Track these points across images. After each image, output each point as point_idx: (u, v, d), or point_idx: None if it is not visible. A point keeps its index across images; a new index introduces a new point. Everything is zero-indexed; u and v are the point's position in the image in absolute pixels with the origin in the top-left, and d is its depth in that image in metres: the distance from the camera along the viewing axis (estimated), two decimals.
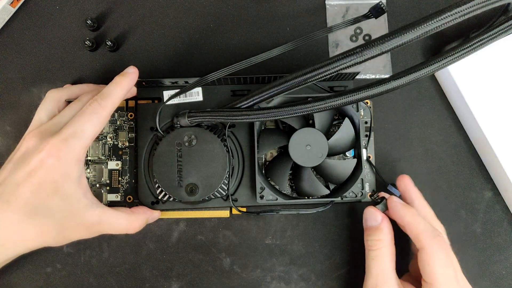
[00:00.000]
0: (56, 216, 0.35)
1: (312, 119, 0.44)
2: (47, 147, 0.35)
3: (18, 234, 0.35)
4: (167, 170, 0.42)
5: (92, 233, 0.38)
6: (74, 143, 0.36)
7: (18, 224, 0.34)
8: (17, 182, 0.35)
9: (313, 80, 0.33)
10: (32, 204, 0.35)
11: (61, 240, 0.37)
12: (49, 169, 0.35)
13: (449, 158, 0.48)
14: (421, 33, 0.29)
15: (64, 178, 0.36)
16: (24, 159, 0.36)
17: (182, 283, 0.46)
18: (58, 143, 0.35)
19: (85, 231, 0.38)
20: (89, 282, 0.45)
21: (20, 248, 0.36)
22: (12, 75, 0.48)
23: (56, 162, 0.35)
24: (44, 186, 0.35)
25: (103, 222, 0.38)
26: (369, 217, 0.41)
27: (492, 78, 0.46)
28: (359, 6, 0.50)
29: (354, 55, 0.30)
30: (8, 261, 0.38)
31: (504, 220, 0.48)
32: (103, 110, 0.37)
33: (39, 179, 0.35)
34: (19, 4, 0.48)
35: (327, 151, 0.43)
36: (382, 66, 0.49)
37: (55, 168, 0.35)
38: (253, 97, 0.38)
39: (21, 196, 0.35)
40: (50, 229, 0.35)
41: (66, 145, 0.35)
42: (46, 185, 0.35)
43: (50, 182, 0.35)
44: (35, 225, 0.35)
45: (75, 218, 0.36)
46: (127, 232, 0.40)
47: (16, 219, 0.34)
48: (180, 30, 0.50)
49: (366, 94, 0.33)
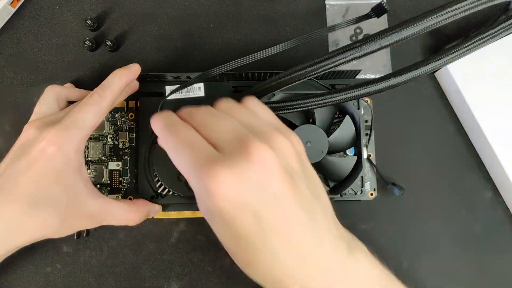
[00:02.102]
0: (57, 206, 0.35)
1: (312, 116, 0.44)
2: (48, 136, 0.35)
3: (20, 225, 0.34)
4: (167, 164, 0.41)
5: (93, 223, 0.38)
6: (74, 132, 0.36)
7: (19, 214, 0.34)
8: (17, 172, 0.35)
9: (314, 74, 0.33)
10: (33, 194, 0.34)
11: (63, 231, 0.37)
12: (50, 158, 0.35)
13: (449, 158, 0.48)
14: (421, 29, 0.29)
15: (65, 167, 0.35)
16: (24, 149, 0.36)
17: (182, 283, 0.46)
18: (58, 132, 0.35)
19: (86, 221, 0.38)
20: (89, 282, 0.45)
21: (22, 239, 0.36)
22: (12, 75, 0.48)
23: (57, 151, 0.35)
24: (45, 176, 0.35)
25: (104, 212, 0.38)
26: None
27: (492, 78, 0.46)
28: (359, 6, 0.50)
29: (353, 49, 0.30)
30: (10, 254, 0.37)
31: (504, 220, 0.47)
32: (102, 100, 0.37)
33: (40, 168, 0.35)
34: (19, 4, 0.49)
35: (327, 148, 0.43)
36: (382, 66, 0.49)
37: (56, 157, 0.35)
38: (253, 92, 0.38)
39: (22, 186, 0.34)
40: (52, 218, 0.35)
41: (66, 134, 0.35)
42: (47, 174, 0.35)
43: (51, 171, 0.35)
44: (36, 215, 0.34)
45: (76, 207, 0.36)
46: (128, 224, 0.40)
47: (18, 209, 0.34)
48: (180, 30, 0.50)
49: (367, 91, 0.33)
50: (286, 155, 0.30)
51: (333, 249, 0.30)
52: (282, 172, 0.28)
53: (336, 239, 0.31)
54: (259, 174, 0.28)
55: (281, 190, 0.28)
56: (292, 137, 0.32)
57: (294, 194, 0.29)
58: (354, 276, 0.31)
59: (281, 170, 0.28)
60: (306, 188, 0.30)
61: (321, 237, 0.30)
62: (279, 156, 0.28)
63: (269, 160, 0.28)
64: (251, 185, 0.27)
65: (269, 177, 0.28)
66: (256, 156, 0.28)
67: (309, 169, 0.32)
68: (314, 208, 0.30)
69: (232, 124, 0.31)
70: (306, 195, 0.30)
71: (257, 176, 0.28)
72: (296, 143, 0.32)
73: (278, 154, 0.29)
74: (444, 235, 0.47)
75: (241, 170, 0.27)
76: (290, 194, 0.28)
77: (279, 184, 0.28)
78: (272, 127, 0.31)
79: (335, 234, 0.31)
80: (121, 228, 0.46)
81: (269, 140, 0.29)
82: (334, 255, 0.30)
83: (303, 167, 0.31)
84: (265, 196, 0.28)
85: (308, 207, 0.30)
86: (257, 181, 0.28)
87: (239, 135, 0.29)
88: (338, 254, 0.31)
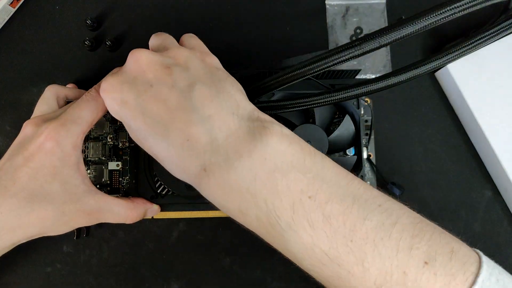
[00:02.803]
0: (55, 201, 0.35)
1: (312, 116, 0.44)
2: (45, 132, 0.35)
3: (17, 220, 0.34)
4: None
5: (91, 220, 0.38)
6: (72, 128, 0.36)
7: (16, 209, 0.34)
8: (15, 167, 0.35)
9: (313, 72, 0.33)
10: (30, 189, 0.34)
11: (60, 227, 0.37)
12: (48, 153, 0.35)
13: (449, 158, 0.48)
14: (420, 27, 0.29)
15: (63, 163, 0.35)
16: (22, 144, 0.36)
17: (181, 283, 0.46)
18: (56, 128, 0.35)
19: (84, 218, 0.38)
20: (89, 281, 0.45)
21: (19, 235, 0.36)
22: (11, 75, 0.48)
23: (55, 146, 0.35)
24: (42, 171, 0.35)
25: (102, 209, 0.38)
26: None
27: (492, 78, 0.46)
28: (359, 6, 0.50)
29: (353, 47, 0.30)
30: (7, 250, 0.37)
31: (504, 220, 0.47)
32: (100, 96, 0.37)
33: (37, 164, 0.35)
34: (19, 4, 0.49)
35: (327, 147, 0.43)
36: (382, 66, 0.49)
37: (54, 153, 0.35)
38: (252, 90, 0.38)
39: (19, 181, 0.34)
40: (49, 214, 0.35)
41: (64, 129, 0.35)
42: (44, 169, 0.35)
43: (48, 167, 0.35)
44: (33, 210, 0.34)
45: (74, 203, 0.36)
46: (125, 221, 0.40)
47: (14, 204, 0.34)
48: (180, 30, 0.50)
49: (366, 90, 0.33)
50: (174, 55, 0.33)
51: (227, 135, 0.30)
52: (156, 65, 0.32)
53: (235, 123, 0.31)
54: (134, 72, 0.32)
55: (156, 78, 0.31)
56: (195, 48, 0.36)
57: (172, 81, 0.31)
58: (259, 160, 0.29)
59: (155, 64, 0.32)
60: (191, 77, 0.32)
61: (209, 122, 0.30)
62: (157, 56, 0.32)
63: (142, 58, 0.32)
64: (127, 82, 0.32)
65: (143, 71, 0.32)
66: (132, 59, 0.32)
67: (209, 66, 0.34)
68: (200, 95, 0.31)
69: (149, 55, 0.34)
70: (187, 82, 0.31)
71: (133, 73, 0.32)
72: (195, 53, 0.34)
73: (162, 56, 0.33)
74: None
75: (120, 73, 0.33)
76: (166, 81, 0.31)
77: (152, 74, 0.31)
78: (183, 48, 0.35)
79: (233, 119, 0.31)
80: (121, 228, 0.46)
81: (164, 52, 0.34)
82: (229, 140, 0.30)
83: (195, 63, 0.33)
84: (141, 88, 0.31)
85: (190, 94, 0.31)
86: (133, 77, 0.32)
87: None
88: (234, 139, 0.30)
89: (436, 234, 0.28)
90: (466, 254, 0.28)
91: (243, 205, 0.30)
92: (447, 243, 0.28)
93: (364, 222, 0.28)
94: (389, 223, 0.28)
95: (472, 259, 0.28)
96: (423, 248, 0.27)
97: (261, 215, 0.29)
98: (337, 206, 0.28)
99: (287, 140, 0.30)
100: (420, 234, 0.28)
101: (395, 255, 0.27)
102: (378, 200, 0.29)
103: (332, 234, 0.28)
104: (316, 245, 0.28)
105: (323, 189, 0.29)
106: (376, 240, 0.27)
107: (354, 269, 0.27)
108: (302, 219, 0.28)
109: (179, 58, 0.33)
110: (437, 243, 0.28)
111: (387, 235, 0.27)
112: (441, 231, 0.29)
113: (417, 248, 0.27)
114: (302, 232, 0.28)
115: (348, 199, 0.28)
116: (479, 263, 0.27)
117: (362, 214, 0.28)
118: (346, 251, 0.28)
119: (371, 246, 0.27)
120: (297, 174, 0.29)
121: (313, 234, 0.28)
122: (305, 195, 0.28)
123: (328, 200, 0.28)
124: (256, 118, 0.32)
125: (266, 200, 0.29)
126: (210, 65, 0.35)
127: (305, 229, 0.28)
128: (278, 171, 0.29)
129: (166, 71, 0.32)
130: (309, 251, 0.28)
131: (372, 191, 0.30)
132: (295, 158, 0.30)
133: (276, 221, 0.29)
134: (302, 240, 0.28)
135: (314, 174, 0.29)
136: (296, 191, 0.28)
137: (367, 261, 0.27)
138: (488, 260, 0.28)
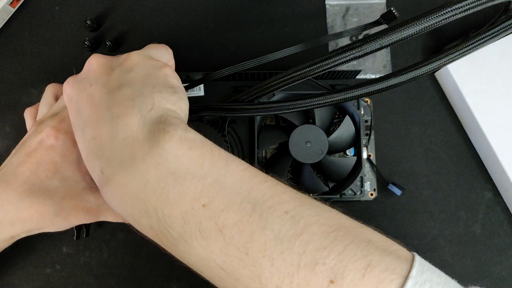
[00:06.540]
0: (54, 197, 0.35)
1: (312, 117, 0.44)
2: (46, 129, 0.36)
3: (16, 213, 0.35)
4: None
5: (90, 217, 0.38)
6: (70, 124, 0.36)
7: (16, 203, 0.34)
8: (18, 162, 0.35)
9: (314, 73, 0.33)
10: (31, 183, 0.35)
11: (59, 223, 0.37)
12: (48, 149, 0.35)
13: (449, 158, 0.48)
14: (421, 28, 0.29)
15: (63, 159, 0.36)
16: (25, 142, 0.36)
17: (181, 284, 0.46)
18: (56, 124, 0.36)
19: (83, 215, 0.37)
20: (89, 283, 0.45)
21: (18, 228, 0.36)
22: (11, 76, 0.48)
23: (55, 142, 0.35)
24: (43, 166, 0.35)
25: (101, 207, 0.38)
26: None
27: (492, 78, 0.46)
28: (359, 6, 0.50)
29: (354, 49, 0.30)
30: (5, 244, 0.37)
31: (504, 221, 0.47)
32: None
33: (38, 159, 0.35)
34: (19, 4, 0.49)
35: (327, 148, 0.43)
36: (383, 66, 0.49)
37: (54, 149, 0.35)
38: (253, 91, 0.38)
39: (21, 175, 0.35)
40: (48, 209, 0.35)
41: (63, 125, 0.36)
42: (45, 165, 0.35)
43: (49, 162, 0.35)
44: (32, 204, 0.35)
45: (73, 200, 0.36)
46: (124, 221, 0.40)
47: (14, 198, 0.34)
48: (180, 30, 0.50)
49: (366, 91, 0.33)
50: (125, 59, 0.33)
51: (125, 137, 0.28)
52: (103, 67, 0.32)
53: (139, 125, 0.28)
54: (85, 73, 0.33)
55: (95, 78, 0.32)
56: (150, 51, 0.35)
57: (106, 81, 0.31)
58: (152, 165, 0.27)
59: (102, 66, 0.32)
60: (126, 79, 0.31)
61: (115, 121, 0.29)
62: (107, 59, 0.33)
63: (93, 61, 0.32)
64: (77, 81, 0.32)
65: (90, 72, 0.32)
66: (87, 62, 0.33)
67: (156, 72, 0.33)
68: (122, 95, 0.30)
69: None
70: (119, 82, 0.31)
71: (84, 74, 0.33)
72: (146, 56, 0.34)
73: (112, 59, 0.33)
74: (444, 235, 0.47)
75: (78, 74, 0.33)
76: (102, 81, 0.31)
77: (95, 74, 0.32)
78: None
79: (138, 120, 0.28)
80: (121, 229, 0.46)
81: (120, 56, 0.34)
82: (126, 142, 0.28)
83: (140, 67, 0.32)
84: (82, 86, 0.32)
85: (114, 95, 0.30)
86: (83, 78, 0.32)
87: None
88: (131, 141, 0.28)
89: (353, 245, 0.25)
90: (387, 269, 0.24)
91: (136, 213, 0.27)
92: (364, 256, 0.24)
93: (263, 233, 0.25)
94: (292, 233, 0.25)
95: (393, 275, 0.24)
96: (331, 264, 0.24)
97: (152, 224, 0.27)
98: (233, 214, 0.25)
99: (187, 144, 0.28)
100: (331, 246, 0.25)
101: (296, 272, 0.24)
102: (286, 206, 0.26)
103: (226, 246, 0.25)
104: (210, 257, 0.26)
105: (219, 196, 0.26)
106: (275, 254, 0.24)
107: (252, 285, 0.25)
108: (194, 229, 0.26)
109: (127, 63, 0.32)
110: (350, 256, 0.24)
111: (289, 248, 0.24)
112: (365, 239, 0.26)
113: (324, 263, 0.24)
114: (195, 243, 0.26)
115: (247, 206, 0.26)
116: (403, 279, 0.24)
117: (262, 223, 0.25)
118: (242, 265, 0.25)
119: (269, 261, 0.24)
120: (192, 180, 0.26)
121: (206, 246, 0.25)
122: (199, 203, 0.26)
123: (224, 208, 0.26)
124: (163, 121, 0.29)
125: (155, 208, 0.26)
126: (158, 71, 0.33)
127: (198, 239, 0.26)
128: (171, 177, 0.26)
129: (108, 72, 0.32)
130: (204, 263, 0.26)
131: (283, 195, 0.27)
132: (192, 164, 0.27)
133: (168, 230, 0.26)
134: (195, 252, 0.26)
135: (212, 180, 0.27)
136: (188, 199, 0.26)
137: (264, 277, 0.25)
138: (421, 271, 0.25)
